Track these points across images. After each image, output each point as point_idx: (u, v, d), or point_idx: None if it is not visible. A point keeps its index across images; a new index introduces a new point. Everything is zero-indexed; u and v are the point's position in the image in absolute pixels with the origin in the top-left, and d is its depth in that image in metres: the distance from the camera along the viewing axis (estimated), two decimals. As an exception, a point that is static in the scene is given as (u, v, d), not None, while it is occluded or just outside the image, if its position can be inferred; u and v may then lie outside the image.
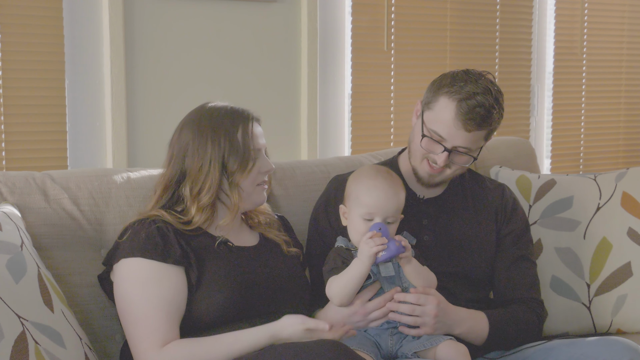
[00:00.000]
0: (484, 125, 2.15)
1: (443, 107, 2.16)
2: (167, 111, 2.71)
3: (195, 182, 2.05)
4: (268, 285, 2.07)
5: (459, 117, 2.13)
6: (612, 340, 2.05)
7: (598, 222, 2.63)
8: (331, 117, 3.14)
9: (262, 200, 2.14)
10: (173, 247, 1.99)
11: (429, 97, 2.21)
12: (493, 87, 2.17)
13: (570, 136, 3.81)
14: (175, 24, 2.75)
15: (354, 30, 3.13)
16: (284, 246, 2.19)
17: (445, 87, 2.16)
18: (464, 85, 2.14)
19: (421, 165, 2.22)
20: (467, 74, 2.18)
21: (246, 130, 2.07)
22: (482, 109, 2.12)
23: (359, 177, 2.12)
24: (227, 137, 2.05)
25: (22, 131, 2.55)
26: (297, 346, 1.77)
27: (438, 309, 2.01)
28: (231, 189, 2.06)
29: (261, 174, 2.10)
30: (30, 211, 2.11)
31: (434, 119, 2.18)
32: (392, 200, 2.06)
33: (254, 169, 2.07)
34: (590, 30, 3.77)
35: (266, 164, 2.10)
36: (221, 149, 2.04)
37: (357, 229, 2.08)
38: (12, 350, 1.64)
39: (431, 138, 2.18)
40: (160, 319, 1.93)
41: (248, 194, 2.09)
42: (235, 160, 2.04)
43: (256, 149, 2.08)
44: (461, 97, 2.13)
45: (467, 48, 3.41)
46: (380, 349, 2.04)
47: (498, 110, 2.16)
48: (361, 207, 2.06)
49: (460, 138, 2.15)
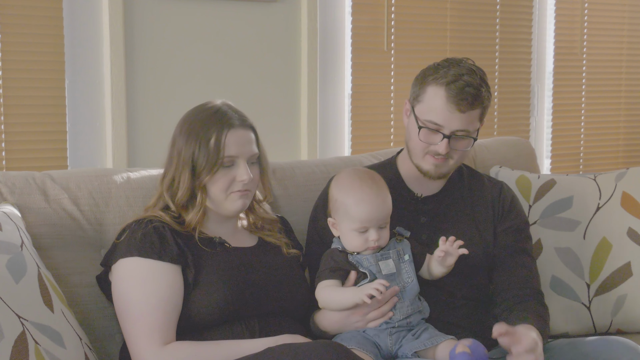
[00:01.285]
0: (476, 104, 2.17)
1: (433, 95, 2.17)
2: (167, 111, 2.70)
3: (176, 178, 2.07)
4: (266, 285, 2.07)
5: (450, 100, 2.14)
6: (612, 340, 2.05)
7: (598, 222, 2.63)
8: (331, 117, 3.14)
9: (237, 208, 2.09)
10: (170, 246, 1.99)
11: (416, 91, 2.23)
12: (476, 68, 2.21)
13: (570, 136, 3.81)
14: (175, 24, 2.75)
15: (354, 30, 3.13)
16: (284, 248, 2.19)
17: (430, 76, 2.19)
18: (447, 69, 2.17)
19: (424, 160, 2.23)
20: (447, 60, 2.22)
21: (220, 135, 2.04)
22: (471, 88, 2.14)
23: (343, 187, 2.08)
24: (200, 139, 2.04)
25: (22, 131, 2.56)
26: (297, 347, 1.77)
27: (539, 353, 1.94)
28: (197, 190, 2.06)
29: (236, 182, 2.06)
30: (30, 211, 2.11)
31: (427, 109, 2.19)
32: (381, 209, 2.05)
33: (221, 174, 2.04)
34: (590, 30, 3.77)
35: (241, 173, 2.05)
36: (191, 147, 2.04)
37: (352, 243, 2.07)
38: (12, 350, 1.64)
39: (428, 129, 2.18)
40: (158, 317, 1.94)
41: (219, 201, 2.07)
42: (202, 162, 2.03)
43: (230, 155, 2.04)
44: (448, 81, 2.15)
45: (467, 48, 3.41)
46: (379, 349, 2.03)
47: (486, 89, 2.19)
48: (353, 221, 2.05)
49: (456, 121, 2.16)
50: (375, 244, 2.04)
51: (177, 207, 2.07)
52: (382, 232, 2.06)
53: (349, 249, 2.08)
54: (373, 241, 2.04)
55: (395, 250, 2.09)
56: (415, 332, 2.06)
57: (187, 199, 2.06)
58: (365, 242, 2.05)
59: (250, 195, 2.11)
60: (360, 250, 2.07)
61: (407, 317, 2.06)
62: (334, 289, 2.04)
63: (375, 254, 2.07)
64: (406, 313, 2.05)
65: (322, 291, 2.06)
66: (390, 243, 2.10)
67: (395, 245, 2.09)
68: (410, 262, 2.10)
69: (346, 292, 2.02)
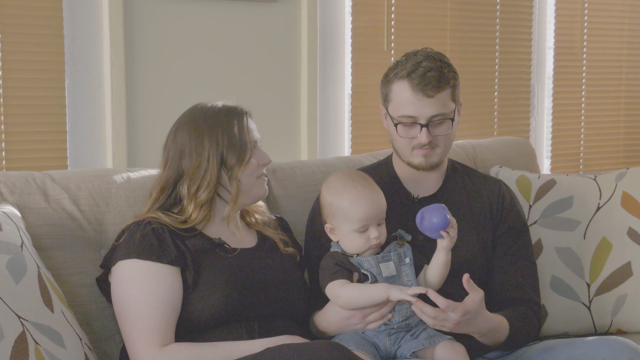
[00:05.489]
0: (442, 85, 2.18)
1: (398, 90, 2.21)
2: (167, 111, 2.70)
3: (194, 180, 2.06)
4: (265, 286, 2.07)
5: (416, 89, 2.17)
6: (612, 340, 2.05)
7: (598, 222, 2.63)
8: (331, 117, 3.14)
9: (264, 192, 2.17)
10: (169, 248, 1.99)
11: (383, 92, 2.27)
12: (434, 53, 2.25)
13: (570, 136, 3.81)
14: (175, 24, 2.75)
15: (354, 30, 3.13)
16: (281, 245, 2.20)
17: (391, 74, 2.24)
18: (405, 62, 2.22)
19: (412, 155, 2.24)
20: (405, 55, 2.26)
21: (241, 124, 2.10)
22: (432, 72, 2.17)
23: (337, 190, 2.08)
24: (225, 133, 2.08)
25: (22, 131, 2.56)
26: (297, 347, 1.77)
27: (461, 319, 1.97)
28: (231, 183, 2.08)
29: (260, 166, 2.13)
30: (30, 211, 2.11)
31: (397, 105, 2.21)
32: (378, 204, 2.06)
33: (251, 160, 2.10)
34: (590, 30, 3.77)
35: (264, 156, 2.14)
36: (219, 145, 2.06)
37: (353, 244, 2.07)
38: (12, 351, 1.64)
39: (404, 124, 2.20)
40: (157, 319, 1.94)
41: (249, 187, 2.11)
42: (234, 154, 2.07)
43: (252, 141, 2.11)
44: (408, 71, 2.18)
45: (467, 48, 3.41)
46: (378, 350, 2.03)
47: (449, 69, 2.22)
48: (352, 222, 2.05)
49: (428, 107, 2.18)
50: (377, 241, 2.04)
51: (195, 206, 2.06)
52: (381, 228, 2.07)
53: (350, 251, 2.08)
54: (374, 238, 2.04)
55: (396, 253, 2.09)
56: (414, 333, 2.06)
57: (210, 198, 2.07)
58: (367, 241, 2.05)
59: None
60: (362, 251, 2.07)
61: (406, 319, 2.05)
62: (359, 285, 2.04)
63: (376, 255, 2.07)
64: (405, 315, 2.05)
65: (344, 288, 2.03)
66: (392, 246, 2.10)
67: (396, 248, 2.10)
68: (411, 265, 2.09)
69: (377, 288, 2.01)
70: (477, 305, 1.98)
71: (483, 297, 2.00)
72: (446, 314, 1.94)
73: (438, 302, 1.93)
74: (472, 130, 3.40)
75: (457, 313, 1.94)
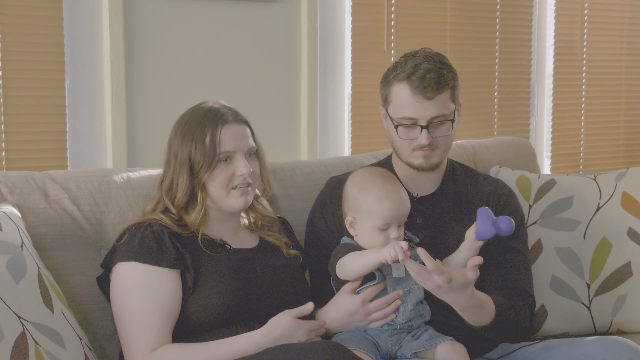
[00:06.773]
0: (442, 87, 2.18)
1: (398, 92, 2.20)
2: (167, 111, 2.70)
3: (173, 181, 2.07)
4: (266, 287, 2.07)
5: (415, 91, 2.17)
6: (611, 340, 2.05)
7: (598, 222, 2.63)
8: (331, 117, 3.14)
9: (240, 205, 2.09)
10: (168, 251, 1.99)
11: (383, 93, 2.27)
12: (434, 53, 2.24)
13: (570, 136, 3.81)
14: (175, 24, 2.75)
15: (354, 30, 3.13)
16: (284, 248, 2.19)
17: (390, 76, 2.23)
18: (404, 64, 2.21)
19: (412, 156, 2.24)
20: (404, 56, 2.26)
21: (215, 132, 2.04)
22: (431, 74, 2.17)
23: (365, 186, 2.09)
24: (195, 139, 2.05)
25: (22, 131, 2.55)
26: (296, 347, 1.77)
27: (443, 284, 1.93)
28: (200, 190, 2.06)
29: (236, 177, 2.07)
30: (30, 211, 2.11)
31: (397, 107, 2.21)
32: (404, 205, 2.08)
33: (219, 170, 2.05)
34: (590, 30, 3.77)
35: (240, 167, 2.06)
36: (187, 147, 2.05)
37: (373, 241, 2.07)
38: (12, 351, 1.64)
39: (404, 125, 2.20)
40: (152, 323, 1.94)
41: (219, 198, 2.07)
42: (199, 161, 2.04)
43: (227, 151, 2.05)
44: (408, 73, 2.18)
45: (467, 48, 3.41)
46: (379, 350, 2.04)
47: (448, 69, 2.21)
48: (376, 219, 2.05)
49: (428, 109, 2.17)
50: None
51: (177, 209, 2.07)
52: (401, 230, 2.08)
53: (366, 247, 2.08)
54: (394, 239, 2.04)
55: None
56: (415, 334, 2.06)
57: (186, 200, 2.07)
58: (386, 241, 2.05)
59: (252, 191, 2.11)
60: None
61: (409, 320, 2.06)
62: (355, 253, 2.05)
63: None
64: (409, 317, 2.05)
65: (343, 259, 2.05)
66: None
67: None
68: None
69: (369, 253, 2.02)
70: (464, 280, 1.95)
71: (474, 280, 1.98)
72: (430, 274, 1.91)
73: (427, 263, 1.90)
74: (472, 130, 3.40)
75: (441, 277, 1.91)
